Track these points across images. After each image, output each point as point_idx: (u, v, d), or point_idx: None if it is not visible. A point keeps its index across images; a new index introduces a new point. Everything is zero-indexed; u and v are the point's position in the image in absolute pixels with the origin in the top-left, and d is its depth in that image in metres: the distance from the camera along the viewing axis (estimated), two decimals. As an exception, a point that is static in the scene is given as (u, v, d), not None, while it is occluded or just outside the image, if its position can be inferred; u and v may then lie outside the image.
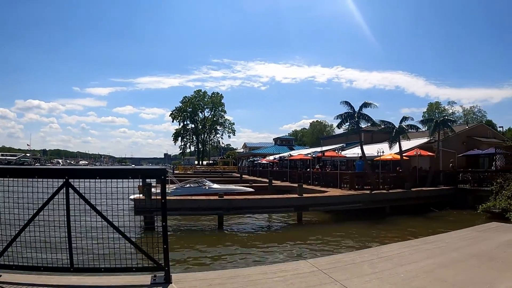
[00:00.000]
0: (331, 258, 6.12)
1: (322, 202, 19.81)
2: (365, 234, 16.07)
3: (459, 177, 25.82)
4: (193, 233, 16.80)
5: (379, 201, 21.38)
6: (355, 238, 15.42)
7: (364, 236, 15.80)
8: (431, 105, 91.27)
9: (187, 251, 12.95)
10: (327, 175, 27.92)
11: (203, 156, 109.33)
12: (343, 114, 24.40)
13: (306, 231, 16.79)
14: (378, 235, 16.12)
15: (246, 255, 12.58)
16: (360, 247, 13.40)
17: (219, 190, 21.76)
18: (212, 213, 17.91)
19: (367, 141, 34.32)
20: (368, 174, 24.15)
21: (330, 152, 33.83)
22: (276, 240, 15.03)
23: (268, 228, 18.65)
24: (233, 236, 15.91)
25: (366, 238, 15.29)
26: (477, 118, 71.23)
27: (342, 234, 15.96)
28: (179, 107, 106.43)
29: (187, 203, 17.37)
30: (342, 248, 13.17)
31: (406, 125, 26.05)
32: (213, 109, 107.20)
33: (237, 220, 19.63)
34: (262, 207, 18.60)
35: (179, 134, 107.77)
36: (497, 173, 22.25)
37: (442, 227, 17.97)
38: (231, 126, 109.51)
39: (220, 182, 33.60)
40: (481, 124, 35.48)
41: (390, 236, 15.81)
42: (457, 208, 22.70)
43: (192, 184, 23.50)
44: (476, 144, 30.66)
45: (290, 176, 34.05)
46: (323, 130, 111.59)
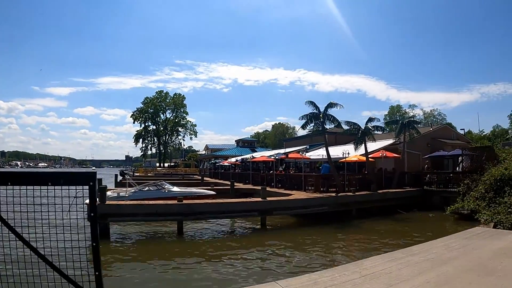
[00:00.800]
0: (306, 278, 4.95)
1: (287, 205, 18.67)
2: (333, 239, 14.99)
3: (425, 178, 25.39)
4: (150, 241, 15.31)
5: (346, 203, 20.52)
6: (323, 244, 14.24)
7: (332, 240, 14.71)
8: (392, 108, 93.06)
9: (138, 268, 11.27)
10: (291, 178, 26.89)
11: (164, 158, 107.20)
12: (308, 115, 23.39)
13: (271, 237, 15.52)
14: (346, 239, 15.10)
15: (205, 270, 11.04)
16: (331, 257, 12.32)
17: (179, 193, 20.85)
18: (171, 218, 16.58)
19: (331, 143, 33.48)
20: (333, 176, 23.24)
21: (293, 154, 32.79)
22: (240, 248, 13.59)
23: (231, 234, 17.22)
24: (194, 244, 14.43)
25: (335, 244, 14.19)
26: (437, 121, 72.71)
27: (309, 239, 14.82)
28: (141, 108, 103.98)
29: (144, 208, 15.89)
30: (312, 259, 11.93)
31: (372, 126, 25.41)
32: (175, 110, 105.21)
33: (198, 225, 18.29)
34: (224, 212, 17.30)
35: (140, 135, 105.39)
36: (464, 174, 21.87)
37: (412, 230, 17.37)
38: (193, 127, 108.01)
39: (180, 185, 32.24)
40: (445, 126, 35.54)
41: (359, 240, 14.86)
42: (424, 210, 22.35)
43: (151, 187, 22.03)
44: (440, 145, 30.49)
45: (253, 178, 32.88)
46: (286, 132, 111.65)
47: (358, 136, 24.89)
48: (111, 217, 15.42)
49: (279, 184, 27.62)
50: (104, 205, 15.34)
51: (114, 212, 15.42)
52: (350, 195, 21.16)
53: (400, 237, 15.36)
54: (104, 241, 14.51)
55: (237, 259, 12.18)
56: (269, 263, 11.50)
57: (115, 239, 15.29)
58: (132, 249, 13.75)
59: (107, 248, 13.84)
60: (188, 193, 22.21)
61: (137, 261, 11.97)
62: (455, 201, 19.97)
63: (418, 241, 14.41)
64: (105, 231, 15.30)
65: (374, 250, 12.75)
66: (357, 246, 13.81)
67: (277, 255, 12.54)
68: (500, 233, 7.80)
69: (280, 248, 13.54)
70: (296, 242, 14.41)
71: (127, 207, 15.82)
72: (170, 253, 13.04)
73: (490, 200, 17.61)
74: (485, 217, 16.73)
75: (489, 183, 18.32)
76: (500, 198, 17.13)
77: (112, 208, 15.49)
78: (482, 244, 6.61)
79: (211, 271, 10.71)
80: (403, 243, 13.87)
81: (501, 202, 16.76)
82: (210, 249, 13.62)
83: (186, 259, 12.20)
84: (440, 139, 31.53)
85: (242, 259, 12.17)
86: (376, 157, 26.89)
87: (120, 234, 16.39)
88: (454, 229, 17.20)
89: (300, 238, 15.09)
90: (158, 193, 21.11)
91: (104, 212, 15.10)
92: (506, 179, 17.74)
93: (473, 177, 20.51)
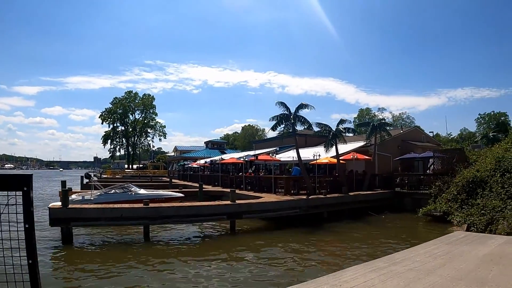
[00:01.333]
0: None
1: (257, 208, 17.83)
2: (306, 244, 14.19)
3: (396, 180, 25.16)
4: (116, 247, 14.14)
5: (317, 206, 19.92)
6: (296, 250, 13.45)
7: (305, 246, 13.92)
8: (361, 111, 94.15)
9: (100, 276, 10.20)
10: (261, 180, 26.11)
11: (133, 159, 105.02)
12: (279, 116, 22.61)
13: (240, 242, 14.63)
14: (320, 244, 14.35)
15: (171, 277, 10.12)
16: (305, 263, 11.52)
17: (145, 196, 20.07)
18: (137, 223, 15.51)
19: (301, 145, 33.02)
20: (304, 179, 22.64)
21: (263, 156, 32.03)
22: (208, 255, 12.53)
23: (199, 238, 16.09)
24: (160, 251, 13.28)
25: (308, 250, 13.39)
26: (406, 124, 73.75)
27: (281, 245, 14.01)
28: (109, 108, 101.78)
29: (108, 212, 14.78)
30: (285, 268, 11.05)
31: (344, 128, 24.97)
32: (144, 111, 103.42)
33: (165, 229, 17.34)
34: (191, 216, 16.28)
35: (108, 136, 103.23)
36: (435, 176, 21.69)
37: (385, 232, 16.93)
38: (162, 129, 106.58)
39: (149, 187, 31.30)
40: (415, 129, 35.66)
41: (333, 245, 14.19)
42: (396, 212, 22.12)
43: (117, 190, 21.07)
44: (411, 148, 30.48)
45: (222, 180, 31.91)
46: (255, 134, 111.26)
47: (329, 138, 24.40)
48: (73, 222, 14.34)
49: (249, 186, 26.84)
50: (66, 209, 14.34)
51: (77, 216, 14.33)
52: (322, 197, 20.56)
53: (375, 241, 14.83)
54: (67, 246, 13.63)
55: (202, 266, 11.29)
56: (236, 273, 10.60)
57: (78, 244, 14.15)
58: (95, 255, 12.63)
59: (70, 254, 12.90)
60: (155, 195, 21.53)
61: (99, 268, 10.89)
62: (426, 203, 19.87)
63: (394, 243, 13.97)
64: (67, 236, 14.29)
65: (350, 257, 12.06)
66: (332, 252, 13.05)
67: (248, 263, 11.63)
68: (482, 238, 7.26)
69: (251, 254, 12.75)
70: (267, 248, 13.61)
71: (90, 211, 14.69)
72: (135, 259, 11.97)
73: (462, 202, 17.46)
74: (458, 218, 16.53)
75: (461, 185, 18.17)
76: (473, 199, 16.97)
77: (74, 212, 14.41)
78: (466, 250, 6.03)
79: (179, 278, 9.95)
80: (380, 248, 13.35)
81: (474, 204, 16.59)
82: (178, 255, 12.63)
83: (152, 265, 11.24)
84: (410, 142, 31.54)
85: (208, 266, 11.26)
86: (347, 159, 26.49)
87: (85, 239, 15.24)
88: (427, 231, 16.96)
89: (271, 243, 14.29)
90: (125, 196, 20.29)
91: (66, 216, 14.17)
92: (478, 181, 17.60)
93: (444, 179, 20.39)
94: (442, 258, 5.47)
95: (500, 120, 67.05)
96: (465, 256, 5.58)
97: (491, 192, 16.47)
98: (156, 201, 19.91)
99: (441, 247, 6.41)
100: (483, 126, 74.64)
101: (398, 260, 5.49)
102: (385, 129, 26.34)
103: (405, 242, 14.17)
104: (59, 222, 14.25)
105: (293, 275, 10.37)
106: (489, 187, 16.89)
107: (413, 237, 15.59)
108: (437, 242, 6.88)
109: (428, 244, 6.81)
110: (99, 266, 11.03)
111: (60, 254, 12.88)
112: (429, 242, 6.98)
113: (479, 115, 78.66)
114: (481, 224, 15.05)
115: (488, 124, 72.80)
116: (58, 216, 14.14)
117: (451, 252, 5.90)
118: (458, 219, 16.51)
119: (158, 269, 10.96)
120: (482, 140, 45.23)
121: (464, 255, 5.69)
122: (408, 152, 29.17)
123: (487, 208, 15.49)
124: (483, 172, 17.88)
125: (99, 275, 10.21)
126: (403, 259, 5.55)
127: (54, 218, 14.13)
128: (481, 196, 16.71)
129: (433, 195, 20.15)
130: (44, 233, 15.50)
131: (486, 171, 17.87)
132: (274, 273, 10.55)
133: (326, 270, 10.55)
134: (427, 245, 6.71)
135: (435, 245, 6.65)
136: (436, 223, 17.84)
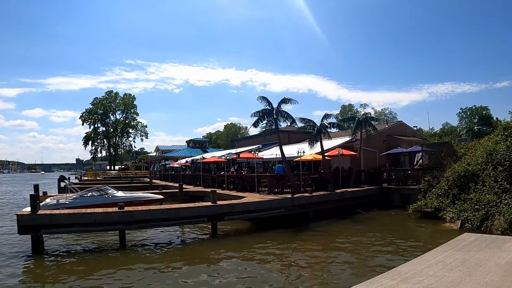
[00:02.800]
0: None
1: (240, 209, 16.70)
2: (293, 249, 13.23)
3: (383, 176, 24.36)
4: (90, 255, 12.87)
5: (302, 205, 18.88)
6: (281, 254, 12.44)
7: (293, 251, 12.95)
8: (344, 107, 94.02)
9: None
10: (243, 179, 25.01)
11: (115, 160, 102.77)
12: (261, 111, 21.41)
13: (222, 247, 13.45)
14: (308, 248, 13.31)
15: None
16: (290, 270, 10.48)
17: (122, 198, 19.24)
18: (112, 228, 14.39)
19: (285, 142, 31.97)
20: (288, 176, 21.62)
21: (245, 154, 30.88)
22: (188, 263, 11.51)
23: (178, 244, 14.80)
24: (136, 257, 12.21)
25: (296, 256, 12.36)
26: (388, 119, 73.51)
27: (266, 250, 12.87)
28: (90, 109, 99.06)
29: (80, 218, 13.53)
30: (269, 275, 9.99)
31: (329, 123, 23.96)
32: (125, 111, 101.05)
33: (142, 234, 16.30)
34: (170, 219, 15.09)
35: (89, 137, 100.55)
36: (423, 171, 20.89)
37: (374, 231, 16.05)
38: (143, 129, 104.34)
39: (128, 188, 30.16)
40: (400, 123, 34.91)
41: (323, 249, 13.04)
42: (384, 208, 21.32)
43: (94, 193, 20.03)
44: (397, 142, 29.77)
45: (204, 180, 30.72)
46: (238, 133, 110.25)
47: (314, 133, 23.42)
48: (44, 229, 13.05)
49: (231, 185, 25.75)
50: (35, 215, 13.07)
51: (47, 223, 13.05)
52: (307, 196, 19.54)
53: (366, 241, 13.84)
54: (37, 256, 12.43)
55: (182, 274, 10.23)
56: (217, 280, 9.54)
57: (51, 253, 12.98)
58: (68, 265, 11.47)
59: (40, 265, 11.73)
60: (133, 198, 20.72)
61: (73, 280, 9.86)
62: (415, 199, 19.18)
63: (387, 245, 13.04)
64: (38, 245, 13.05)
65: (343, 263, 11.01)
66: (323, 258, 11.74)
67: (230, 274, 10.50)
68: (496, 241, 6.32)
69: (233, 263, 11.63)
70: (252, 253, 12.51)
71: (61, 217, 13.38)
72: (110, 268, 10.89)
73: (454, 197, 16.72)
74: (451, 214, 15.80)
75: (452, 180, 17.43)
76: (465, 194, 16.25)
77: (44, 219, 13.10)
78: (483, 257, 5.10)
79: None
80: (372, 250, 12.38)
81: (467, 199, 15.86)
82: (154, 263, 11.59)
83: (126, 276, 10.17)
84: (396, 136, 30.86)
85: (187, 275, 10.19)
86: (332, 155, 25.56)
87: (57, 247, 14.05)
88: (419, 228, 16.13)
89: (255, 248, 13.14)
90: (101, 199, 19.43)
91: (35, 223, 12.92)
92: (470, 175, 16.89)
93: (433, 174, 19.61)
94: (459, 270, 4.52)
95: (483, 113, 67.35)
96: (484, 266, 4.65)
97: (484, 186, 15.77)
98: (134, 203, 19.14)
99: (453, 255, 5.44)
100: (465, 120, 74.95)
101: (408, 274, 4.49)
102: (371, 124, 25.48)
103: (400, 243, 13.28)
104: (28, 230, 12.97)
105: (280, 281, 9.39)
106: (481, 181, 16.20)
107: (406, 236, 14.73)
108: (447, 249, 5.90)
109: (437, 251, 5.82)
110: (65, 280, 9.88)
111: (27, 266, 11.73)
112: (437, 249, 6.00)
113: (460, 109, 79.00)
114: (475, 220, 14.28)
115: (470, 118, 73.15)
116: (26, 224, 12.90)
117: (467, 261, 4.96)
118: (451, 215, 15.74)
119: (134, 278, 9.89)
120: (467, 133, 44.98)
121: (483, 264, 4.76)
122: (394, 147, 28.39)
123: (481, 203, 14.77)
124: (474, 166, 17.18)
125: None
126: (413, 273, 4.55)
127: (23, 225, 12.89)
128: (474, 190, 15.98)
129: (422, 191, 19.38)
130: (14, 241, 14.62)
131: (477, 164, 17.18)
132: (257, 279, 9.54)
133: (313, 278, 9.58)
134: (437, 252, 5.73)
135: (445, 252, 5.67)
136: (427, 220, 17.04)
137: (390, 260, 10.74)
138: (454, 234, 8.81)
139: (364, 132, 25.31)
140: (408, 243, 13.38)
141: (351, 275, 9.71)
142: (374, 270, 9.69)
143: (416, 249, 12.11)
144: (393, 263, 9.06)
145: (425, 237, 14.68)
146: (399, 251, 12.18)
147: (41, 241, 13.30)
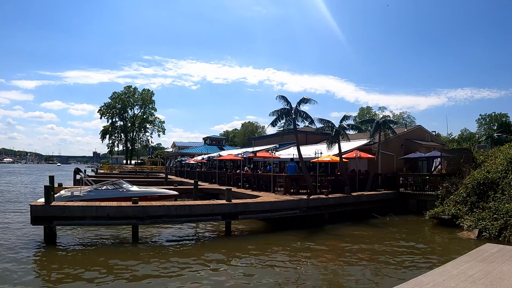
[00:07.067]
0: None
1: (254, 209, 16.73)
2: (304, 249, 13.28)
3: (400, 180, 24.12)
4: (102, 249, 13.12)
5: (317, 207, 18.78)
6: (294, 256, 12.42)
7: (304, 251, 13.01)
8: (362, 110, 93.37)
9: (82, 281, 9.30)
10: (259, 178, 25.05)
11: (132, 155, 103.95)
12: (279, 110, 21.40)
13: (236, 248, 13.33)
14: (325, 252, 13.15)
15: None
16: (305, 277, 10.38)
17: (137, 193, 19.29)
18: (125, 222, 14.48)
19: (302, 142, 31.94)
20: (305, 177, 21.59)
21: (262, 153, 30.91)
22: (201, 263, 11.35)
23: (192, 241, 15.01)
24: (148, 257, 11.96)
25: (308, 257, 12.37)
26: (406, 123, 72.73)
27: (279, 251, 12.87)
28: (108, 103, 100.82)
29: (93, 211, 13.70)
30: (282, 284, 9.89)
31: (347, 125, 23.81)
32: (143, 106, 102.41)
33: (156, 230, 16.38)
34: (183, 216, 15.11)
35: (107, 131, 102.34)
36: (442, 177, 20.64)
37: (390, 236, 15.83)
38: (161, 124, 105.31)
39: (144, 183, 30.41)
40: (419, 127, 34.41)
41: (340, 254, 13.03)
42: (400, 214, 21.10)
43: (108, 186, 20.15)
44: (415, 147, 29.40)
45: (219, 178, 30.88)
46: (255, 131, 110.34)
47: (332, 134, 23.33)
48: (56, 220, 13.29)
49: (247, 184, 25.83)
50: (48, 206, 13.27)
51: (60, 215, 13.27)
52: (323, 197, 19.44)
53: (383, 247, 13.61)
54: (49, 248, 12.66)
55: (191, 271, 10.32)
56: (232, 285, 9.57)
57: (63, 245, 13.18)
58: (79, 258, 11.67)
59: (52, 256, 11.94)
60: (147, 193, 20.68)
61: (82, 272, 10.01)
62: (432, 205, 18.91)
63: (404, 251, 12.87)
64: (50, 236, 13.31)
65: (359, 270, 10.95)
66: (338, 263, 11.58)
67: (239, 270, 10.62)
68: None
69: (243, 262, 11.73)
70: (264, 255, 12.47)
71: (74, 209, 13.53)
72: (120, 263, 11.05)
73: (472, 205, 16.45)
74: (469, 223, 15.55)
75: (471, 187, 17.15)
76: (484, 203, 15.97)
77: (57, 210, 13.30)
78: (507, 270, 5.06)
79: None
80: (390, 257, 12.18)
81: (485, 207, 15.60)
82: (167, 259, 11.68)
83: (137, 271, 10.24)
84: (414, 140, 30.47)
85: (197, 272, 10.29)
86: (349, 157, 25.45)
87: (70, 239, 14.32)
88: (436, 235, 15.92)
89: (269, 249, 13.14)
90: (115, 193, 19.45)
91: (48, 214, 13.12)
92: (489, 183, 16.63)
93: (452, 180, 19.33)
94: (483, 283, 4.49)
95: (502, 121, 66.19)
96: (509, 280, 4.60)
97: (503, 195, 15.50)
98: (148, 198, 19.28)
99: (475, 266, 5.39)
100: (484, 127, 73.70)
101: (429, 286, 4.48)
102: (390, 127, 25.23)
103: (416, 250, 13.14)
104: (41, 221, 13.22)
105: (292, 285, 9.42)
106: (501, 189, 15.94)
107: (423, 243, 14.50)
108: (468, 259, 5.85)
109: (459, 262, 5.78)
110: (77, 271, 10.08)
111: (38, 256, 12.01)
112: (459, 260, 5.96)
113: (480, 115, 77.69)
114: (494, 230, 14.08)
115: (489, 125, 71.92)
116: (39, 214, 13.14)
117: (491, 274, 4.91)
118: (469, 223, 15.52)
119: (145, 273, 9.98)
120: (486, 140, 44.22)
121: (507, 277, 4.71)
122: (412, 151, 28.11)
123: (500, 212, 14.53)
124: (494, 174, 16.91)
125: (82, 279, 9.42)
126: (434, 284, 4.54)
127: (36, 216, 13.15)
128: (493, 199, 15.73)
129: (439, 197, 19.12)
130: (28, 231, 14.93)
131: (497, 172, 16.90)
132: (267, 281, 9.59)
133: (328, 284, 9.59)
134: (458, 263, 5.68)
135: (467, 263, 5.62)
136: (444, 227, 16.84)
137: (407, 268, 10.69)
138: (472, 243, 8.71)
139: (382, 135, 25.07)
140: (425, 250, 13.22)
141: (367, 283, 9.63)
142: (390, 277, 9.66)
143: (432, 255, 12.04)
144: (411, 272, 9.03)
145: (442, 245, 14.46)
146: (415, 258, 12.02)
147: (53, 232, 13.54)
